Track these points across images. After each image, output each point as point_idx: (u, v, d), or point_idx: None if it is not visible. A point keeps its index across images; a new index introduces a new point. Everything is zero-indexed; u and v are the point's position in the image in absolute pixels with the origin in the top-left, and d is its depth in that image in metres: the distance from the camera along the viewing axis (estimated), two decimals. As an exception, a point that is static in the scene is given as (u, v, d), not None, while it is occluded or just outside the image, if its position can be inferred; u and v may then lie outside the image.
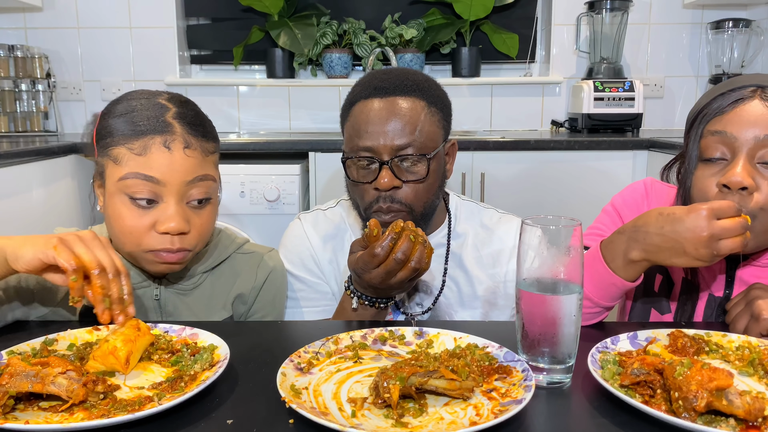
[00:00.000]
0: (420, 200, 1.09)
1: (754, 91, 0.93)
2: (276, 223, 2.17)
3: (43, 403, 0.68)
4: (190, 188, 0.96)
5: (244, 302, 1.10)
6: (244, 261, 1.12)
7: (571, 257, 0.73)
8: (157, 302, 1.04)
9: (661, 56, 2.83)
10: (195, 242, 0.98)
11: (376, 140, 1.06)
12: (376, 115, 1.06)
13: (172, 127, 0.96)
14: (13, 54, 2.60)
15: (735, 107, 0.93)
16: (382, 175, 1.06)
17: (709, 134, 0.95)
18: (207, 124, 1.03)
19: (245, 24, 2.84)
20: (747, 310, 0.89)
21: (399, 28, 2.76)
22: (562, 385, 0.74)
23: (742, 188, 0.90)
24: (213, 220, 1.02)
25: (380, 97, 1.08)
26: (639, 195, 1.13)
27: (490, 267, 1.19)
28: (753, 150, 0.91)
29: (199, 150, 0.98)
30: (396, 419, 0.65)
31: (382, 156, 1.06)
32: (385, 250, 0.92)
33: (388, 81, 1.09)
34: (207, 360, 0.76)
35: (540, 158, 2.26)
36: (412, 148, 1.06)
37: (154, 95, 1.01)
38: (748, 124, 0.91)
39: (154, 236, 0.95)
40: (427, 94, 1.10)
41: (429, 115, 1.08)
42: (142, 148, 0.94)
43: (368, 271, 0.95)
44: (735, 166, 0.91)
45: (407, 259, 0.92)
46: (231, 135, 2.75)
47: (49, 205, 2.06)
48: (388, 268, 0.93)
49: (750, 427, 0.62)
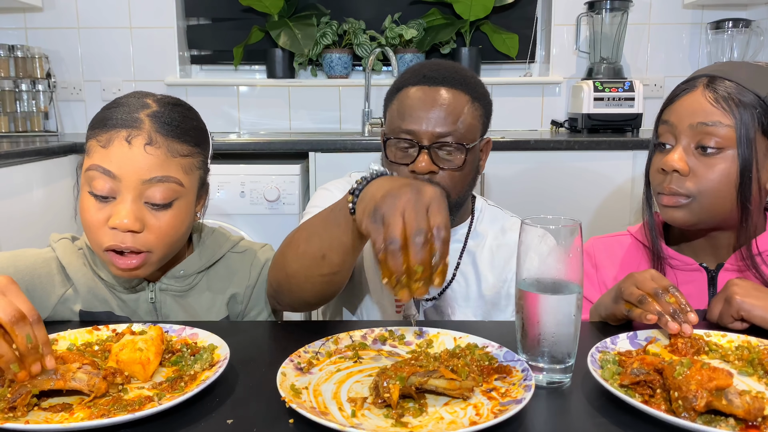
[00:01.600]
0: (455, 188, 1.12)
1: (701, 81, 1.00)
2: (276, 223, 2.17)
3: (44, 403, 0.68)
4: (148, 188, 0.92)
5: (240, 302, 1.09)
6: (239, 259, 1.11)
7: (571, 257, 0.73)
8: (152, 305, 1.03)
9: (661, 56, 2.83)
10: (152, 245, 0.94)
11: (418, 125, 1.10)
12: (422, 102, 1.11)
13: (141, 122, 0.93)
14: (13, 54, 2.60)
15: (681, 97, 1.01)
16: (420, 159, 1.09)
17: (661, 123, 1.04)
18: (188, 128, 0.98)
19: (245, 24, 2.84)
20: (722, 297, 0.93)
21: (399, 28, 2.76)
22: (562, 384, 0.74)
23: (676, 171, 0.98)
24: (176, 226, 0.96)
25: (428, 86, 1.12)
26: (585, 264, 1.16)
27: (500, 271, 1.22)
28: (690, 137, 0.98)
29: (164, 149, 0.93)
30: (396, 419, 0.65)
31: (422, 141, 1.10)
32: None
33: (437, 72, 1.13)
34: (207, 360, 0.76)
35: (540, 158, 2.26)
36: (452, 137, 1.09)
37: (147, 95, 0.99)
38: (687, 113, 0.99)
39: (107, 232, 0.92)
40: (472, 89, 1.13)
41: (472, 109, 1.12)
42: (107, 141, 0.93)
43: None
44: (674, 152, 0.99)
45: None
46: (231, 135, 2.75)
47: (49, 205, 2.06)
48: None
49: (750, 426, 0.62)
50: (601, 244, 1.19)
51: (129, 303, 1.03)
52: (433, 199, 0.68)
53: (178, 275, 1.04)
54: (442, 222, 0.67)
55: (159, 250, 0.95)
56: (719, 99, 0.96)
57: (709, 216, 1.00)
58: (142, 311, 1.03)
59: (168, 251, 0.98)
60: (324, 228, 0.86)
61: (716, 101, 0.96)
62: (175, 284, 1.04)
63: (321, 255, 0.86)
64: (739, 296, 0.90)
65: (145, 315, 1.03)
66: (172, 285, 1.04)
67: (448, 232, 0.67)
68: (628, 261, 1.14)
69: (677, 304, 0.83)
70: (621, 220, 2.30)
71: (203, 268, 1.07)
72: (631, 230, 1.17)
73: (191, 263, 1.06)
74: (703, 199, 0.98)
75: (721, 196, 0.98)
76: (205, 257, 1.07)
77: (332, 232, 0.84)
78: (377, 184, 0.75)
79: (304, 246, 0.89)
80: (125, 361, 0.74)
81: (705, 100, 0.97)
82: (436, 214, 0.67)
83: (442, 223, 0.67)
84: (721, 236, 1.04)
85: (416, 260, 0.65)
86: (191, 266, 1.06)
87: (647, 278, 0.87)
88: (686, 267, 1.06)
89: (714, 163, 0.97)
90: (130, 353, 0.74)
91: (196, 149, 0.98)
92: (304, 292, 0.93)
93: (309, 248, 0.88)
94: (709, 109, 0.96)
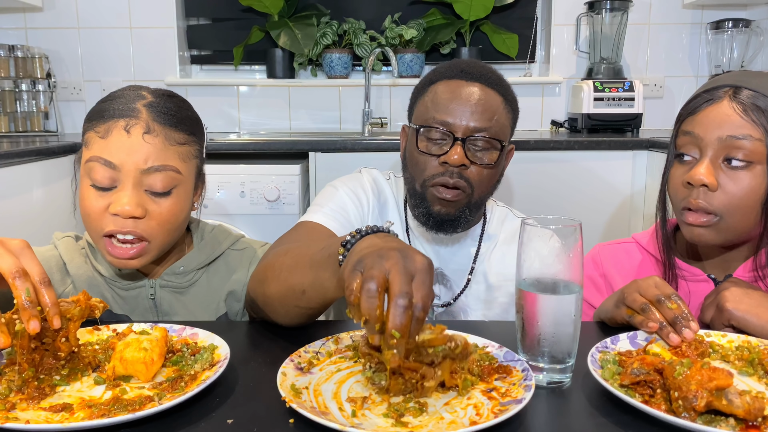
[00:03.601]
0: (483, 186, 1.12)
1: (726, 92, 0.96)
2: (276, 223, 2.17)
3: (43, 403, 0.68)
4: (148, 176, 0.94)
5: (238, 299, 1.09)
6: (238, 257, 1.11)
7: (571, 257, 0.73)
8: (152, 301, 1.04)
9: (661, 56, 2.83)
10: (152, 231, 0.95)
11: (455, 117, 1.09)
12: (460, 95, 1.10)
13: (138, 112, 0.95)
14: (13, 54, 2.60)
15: (705, 108, 0.97)
16: (454, 151, 1.08)
17: (682, 134, 0.99)
18: (184, 118, 1.00)
19: (245, 24, 2.84)
20: (714, 302, 0.91)
21: (399, 28, 2.76)
22: (562, 384, 0.74)
23: (704, 186, 0.95)
24: (176, 212, 0.97)
25: (465, 80, 1.12)
26: (591, 273, 1.16)
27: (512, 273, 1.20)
28: (718, 150, 0.95)
29: (161, 137, 0.95)
30: (396, 419, 0.65)
31: (457, 133, 1.09)
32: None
33: (474, 68, 1.13)
34: (207, 360, 0.76)
35: (540, 158, 2.26)
36: (487, 133, 1.09)
37: (142, 88, 1.00)
38: (714, 125, 0.95)
39: (108, 218, 0.93)
40: (505, 92, 1.14)
41: (504, 110, 1.13)
42: (105, 132, 0.94)
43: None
44: (700, 165, 0.95)
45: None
46: (231, 135, 2.75)
47: (49, 205, 2.06)
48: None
49: (750, 426, 0.62)
50: (607, 251, 1.17)
51: (128, 300, 1.03)
52: (420, 270, 0.63)
53: (177, 271, 1.05)
54: (424, 297, 0.61)
55: (158, 239, 0.96)
56: (747, 111, 0.93)
57: (734, 234, 0.97)
58: (141, 307, 1.03)
59: (166, 240, 0.98)
60: (310, 267, 0.81)
61: (745, 113, 0.93)
62: (174, 280, 1.05)
63: (301, 290, 0.82)
64: (730, 304, 0.88)
65: (144, 311, 1.04)
66: (172, 281, 1.04)
67: (426, 313, 0.62)
68: (635, 270, 1.12)
69: (679, 312, 0.82)
70: (621, 220, 2.30)
71: (203, 264, 1.07)
72: (636, 237, 1.15)
73: (191, 259, 1.06)
74: (729, 218, 0.95)
75: (746, 212, 0.95)
76: (204, 254, 1.08)
77: (317, 273, 0.79)
78: (369, 240, 0.70)
79: (286, 275, 0.86)
80: (129, 360, 0.73)
81: (733, 111, 0.93)
82: (420, 286, 0.62)
83: (425, 298, 0.61)
84: (735, 250, 1.02)
85: (395, 324, 0.60)
86: (191, 262, 1.06)
87: (651, 285, 0.86)
88: (694, 278, 1.04)
89: (741, 177, 0.94)
90: (135, 352, 0.74)
91: (192, 138, 1.00)
92: (277, 315, 0.90)
93: (291, 279, 0.85)
94: (738, 122, 0.93)
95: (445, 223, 1.12)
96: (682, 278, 1.05)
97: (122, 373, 0.74)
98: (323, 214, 1.13)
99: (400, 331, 0.60)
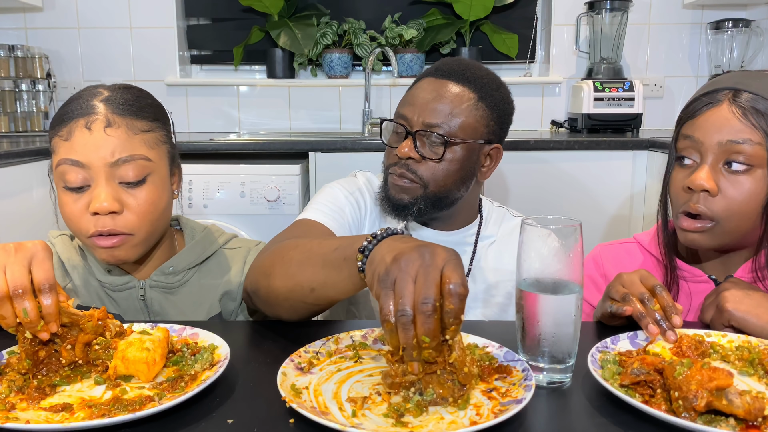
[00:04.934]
0: (435, 181, 1.11)
1: (725, 95, 0.95)
2: (276, 223, 2.17)
3: (44, 403, 0.68)
4: (117, 169, 0.94)
5: (233, 299, 1.09)
6: (231, 256, 1.11)
7: (571, 257, 0.73)
8: (143, 302, 1.03)
9: (661, 56, 2.83)
10: (135, 225, 0.95)
11: (411, 111, 1.12)
12: (422, 91, 1.12)
13: (95, 108, 0.95)
14: (13, 54, 2.60)
15: (705, 112, 0.96)
16: (404, 144, 1.11)
17: (683, 137, 0.99)
18: (143, 105, 0.99)
19: (245, 24, 2.84)
20: (714, 302, 0.92)
21: (399, 28, 2.76)
22: (562, 384, 0.74)
23: (705, 191, 0.94)
24: (155, 200, 0.97)
25: (436, 78, 1.13)
26: (592, 273, 1.16)
27: (509, 272, 1.21)
28: (718, 155, 0.94)
29: (123, 128, 0.95)
30: (396, 419, 0.65)
31: (412, 127, 1.11)
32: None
33: (450, 66, 1.14)
34: (207, 360, 0.76)
35: (540, 158, 2.26)
36: (440, 129, 1.09)
37: (99, 86, 1.00)
38: (713, 129, 0.94)
39: (89, 219, 0.94)
40: (481, 89, 1.12)
41: (473, 108, 1.11)
42: (68, 133, 0.94)
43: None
44: (700, 170, 0.95)
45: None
46: (231, 135, 2.75)
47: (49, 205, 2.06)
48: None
49: (750, 426, 0.62)
50: (609, 252, 1.17)
51: (119, 301, 1.03)
52: (448, 261, 0.64)
53: (167, 271, 1.04)
54: (458, 279, 0.63)
55: (142, 230, 0.97)
56: (747, 114, 0.92)
57: (730, 238, 0.97)
58: (132, 309, 1.03)
59: (150, 230, 0.98)
60: (323, 266, 0.81)
61: (744, 117, 0.92)
62: (164, 281, 1.04)
63: (310, 288, 0.82)
64: (730, 305, 0.88)
65: (135, 312, 1.03)
66: (162, 281, 1.04)
67: (466, 289, 0.63)
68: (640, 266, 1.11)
69: (663, 307, 0.84)
70: (621, 221, 2.30)
71: (193, 264, 1.07)
72: (638, 238, 1.14)
73: (181, 259, 1.06)
74: (727, 223, 0.95)
75: (746, 216, 0.94)
76: (195, 253, 1.07)
77: (330, 273, 0.79)
78: (387, 245, 0.69)
79: (295, 270, 0.85)
80: (131, 360, 0.73)
81: (732, 116, 0.93)
82: (452, 272, 0.63)
83: (459, 280, 0.63)
84: (735, 252, 1.02)
85: (423, 330, 0.62)
86: (181, 262, 1.05)
87: (635, 280, 0.88)
88: (695, 279, 1.04)
89: (741, 181, 0.93)
90: (137, 352, 0.73)
91: (155, 123, 1.00)
92: (280, 309, 0.90)
93: (300, 275, 0.84)
94: (738, 126, 0.92)
95: (398, 208, 1.14)
96: (683, 279, 1.05)
97: (123, 372, 0.74)
98: (321, 213, 1.14)
99: (430, 335, 0.62)
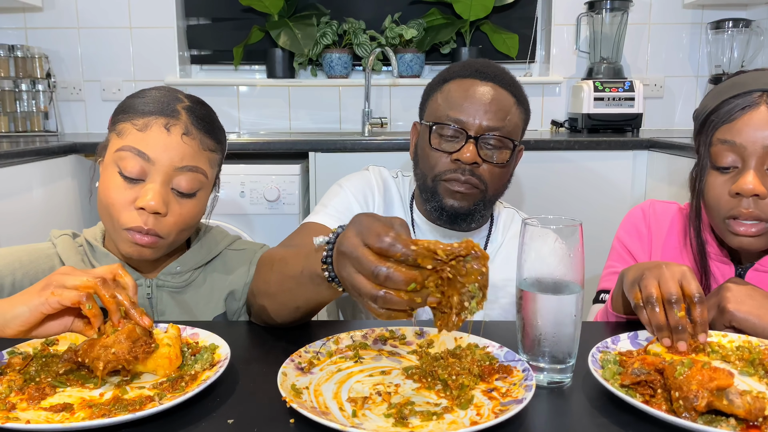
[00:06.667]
0: (495, 184, 1.14)
1: (760, 96, 0.95)
2: (276, 223, 2.17)
3: (44, 403, 0.68)
4: (178, 175, 0.97)
5: (237, 299, 1.09)
6: (236, 257, 1.12)
7: (571, 257, 0.73)
8: (149, 301, 1.04)
9: (661, 56, 2.83)
10: (170, 230, 0.97)
11: (469, 115, 1.11)
12: (474, 93, 1.12)
13: (179, 114, 0.98)
14: (13, 54, 2.60)
15: (743, 115, 0.96)
16: (467, 149, 1.10)
17: (719, 143, 0.98)
18: (216, 126, 1.04)
19: (245, 24, 2.84)
20: (715, 303, 0.91)
21: (399, 28, 2.76)
22: (563, 384, 0.74)
23: (756, 195, 0.94)
24: (195, 215, 1.00)
25: (479, 80, 1.13)
26: (638, 222, 1.17)
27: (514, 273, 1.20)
28: (763, 157, 0.95)
29: (197, 141, 0.99)
30: (396, 419, 0.65)
31: (470, 131, 1.10)
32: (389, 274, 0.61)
33: (489, 69, 1.15)
34: (208, 360, 0.76)
35: (540, 158, 2.26)
36: (500, 132, 1.11)
37: (177, 91, 1.04)
38: (756, 132, 0.94)
39: (132, 213, 0.95)
40: (518, 93, 1.16)
41: (517, 111, 1.15)
42: (144, 125, 0.96)
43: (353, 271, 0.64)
44: (747, 174, 0.95)
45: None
46: (231, 135, 2.74)
47: (49, 205, 2.06)
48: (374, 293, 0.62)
49: (750, 426, 0.62)
50: (659, 206, 1.17)
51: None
52: (396, 225, 0.64)
53: (174, 271, 1.05)
54: (403, 226, 0.64)
55: (171, 237, 0.98)
56: None
57: None
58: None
59: (179, 238, 1.01)
60: (297, 286, 0.81)
61: None
62: (171, 280, 1.05)
63: (294, 307, 0.85)
64: (732, 305, 0.88)
65: None
66: (169, 281, 1.05)
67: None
68: (677, 233, 1.12)
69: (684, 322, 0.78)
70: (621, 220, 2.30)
71: (200, 264, 1.08)
72: (683, 209, 1.14)
73: (188, 259, 1.06)
74: None
75: None
76: (201, 254, 1.08)
77: (307, 291, 0.80)
78: (336, 249, 0.66)
79: (275, 290, 0.87)
80: (154, 355, 0.74)
81: None
82: (400, 234, 0.62)
83: (403, 226, 0.64)
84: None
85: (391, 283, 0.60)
86: (187, 262, 1.06)
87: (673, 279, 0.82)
88: (718, 258, 1.05)
89: None
90: (160, 347, 0.75)
91: (219, 146, 1.05)
92: (275, 323, 0.92)
93: (281, 297, 0.86)
94: None
95: (459, 217, 1.14)
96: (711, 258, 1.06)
97: (141, 369, 0.74)
98: (327, 215, 1.15)
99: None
